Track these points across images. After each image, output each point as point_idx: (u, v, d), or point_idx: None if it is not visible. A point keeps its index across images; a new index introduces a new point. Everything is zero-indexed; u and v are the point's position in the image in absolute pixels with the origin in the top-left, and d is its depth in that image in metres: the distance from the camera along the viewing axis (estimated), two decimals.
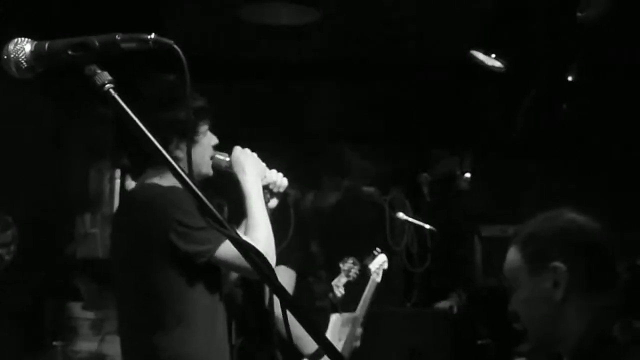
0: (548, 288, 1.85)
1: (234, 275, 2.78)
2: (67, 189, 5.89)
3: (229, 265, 2.47)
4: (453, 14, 5.13)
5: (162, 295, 2.46)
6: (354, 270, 3.94)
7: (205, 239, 2.40)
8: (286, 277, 3.63)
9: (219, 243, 2.39)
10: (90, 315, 5.39)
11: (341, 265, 3.89)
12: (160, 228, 2.40)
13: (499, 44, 5.03)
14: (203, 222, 2.35)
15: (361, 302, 3.89)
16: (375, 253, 4.03)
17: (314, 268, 3.91)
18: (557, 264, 1.84)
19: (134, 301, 2.54)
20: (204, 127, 2.61)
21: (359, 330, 3.88)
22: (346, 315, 3.85)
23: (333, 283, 3.87)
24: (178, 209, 2.40)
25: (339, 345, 3.73)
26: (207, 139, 2.62)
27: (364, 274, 3.96)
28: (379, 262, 4.00)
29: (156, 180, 2.53)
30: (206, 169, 2.63)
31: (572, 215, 1.93)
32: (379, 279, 3.94)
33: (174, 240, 2.40)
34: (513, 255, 1.93)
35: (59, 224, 5.76)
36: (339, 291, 3.85)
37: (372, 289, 3.92)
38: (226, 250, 2.37)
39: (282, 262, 3.55)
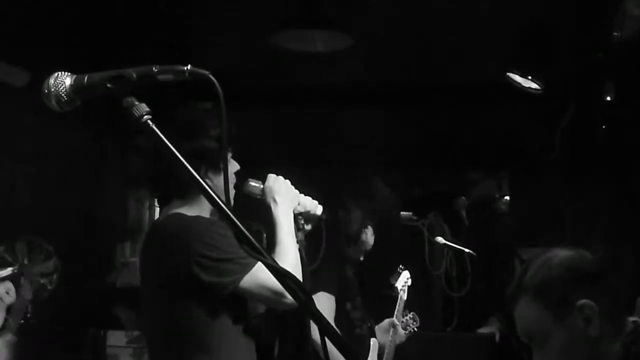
0: (581, 327, 1.79)
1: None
2: (107, 218, 5.95)
3: (253, 296, 2.45)
4: (487, 37, 5.12)
5: (186, 326, 2.45)
6: (412, 326, 3.93)
7: (228, 271, 2.38)
8: (327, 303, 3.61)
9: (242, 274, 2.37)
10: (131, 343, 5.41)
11: (399, 270, 3.90)
12: (184, 260, 2.39)
13: (534, 65, 5.01)
14: (226, 254, 2.37)
15: (395, 315, 3.88)
16: (400, 270, 4.03)
17: (352, 294, 3.90)
18: (584, 301, 1.79)
19: (160, 332, 2.54)
20: (228, 155, 2.59)
21: (408, 328, 3.85)
22: (385, 322, 3.84)
23: (390, 337, 3.86)
24: (201, 240, 2.39)
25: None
26: (231, 167, 2.61)
27: (393, 292, 3.96)
28: (404, 279, 4.00)
29: (182, 210, 2.53)
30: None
31: (568, 252, 1.88)
32: (405, 296, 3.94)
33: (197, 273, 2.38)
34: (529, 308, 1.85)
35: (99, 253, 5.82)
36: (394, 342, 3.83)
37: (402, 306, 3.92)
38: (250, 281, 2.37)
39: (322, 287, 3.54)
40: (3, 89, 4.64)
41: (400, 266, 4.06)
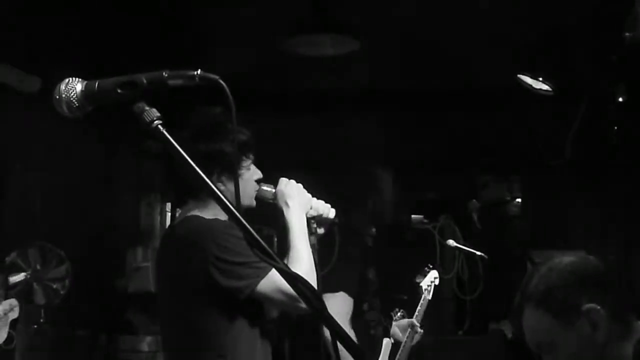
0: (589, 333, 1.77)
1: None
2: (118, 223, 5.97)
3: (270, 300, 2.45)
4: (498, 39, 5.11)
5: (202, 329, 2.46)
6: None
7: (245, 275, 2.39)
8: (345, 303, 3.60)
9: (259, 278, 2.38)
10: (143, 348, 5.42)
11: (392, 314, 3.90)
12: (201, 264, 2.40)
13: (545, 67, 4.99)
14: (243, 257, 2.37)
15: (415, 315, 3.87)
16: (427, 269, 4.02)
17: (369, 295, 3.90)
18: (589, 305, 1.77)
19: (177, 334, 2.55)
20: (247, 162, 2.60)
21: (419, 332, 3.84)
22: (405, 321, 3.83)
23: (407, 337, 3.86)
24: (218, 244, 2.40)
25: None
26: (250, 174, 2.61)
27: (416, 291, 3.96)
28: (430, 279, 3.99)
29: (197, 212, 2.53)
30: (248, 202, 2.61)
31: (571, 258, 1.86)
32: (429, 296, 3.93)
33: (214, 276, 2.39)
34: (535, 317, 1.83)
35: (111, 258, 5.83)
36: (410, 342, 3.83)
37: (424, 306, 3.91)
38: (266, 285, 2.37)
39: (342, 287, 3.54)
40: (15, 95, 4.66)
41: (429, 265, 4.05)
